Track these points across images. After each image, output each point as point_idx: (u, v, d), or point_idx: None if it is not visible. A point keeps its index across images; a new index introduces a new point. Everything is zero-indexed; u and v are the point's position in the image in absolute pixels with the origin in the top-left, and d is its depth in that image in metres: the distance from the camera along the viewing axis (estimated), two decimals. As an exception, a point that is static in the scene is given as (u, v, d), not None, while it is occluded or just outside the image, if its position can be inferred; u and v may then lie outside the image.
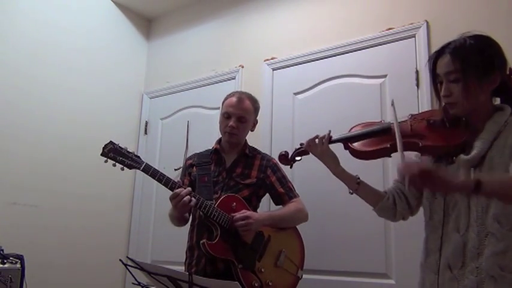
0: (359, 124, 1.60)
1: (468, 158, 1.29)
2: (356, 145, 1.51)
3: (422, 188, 1.21)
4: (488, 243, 1.22)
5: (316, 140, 1.60)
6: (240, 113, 2.10)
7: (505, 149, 1.24)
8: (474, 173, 1.29)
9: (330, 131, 1.60)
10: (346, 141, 1.54)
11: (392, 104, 1.45)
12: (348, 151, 1.54)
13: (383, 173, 2.27)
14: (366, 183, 1.58)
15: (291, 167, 1.76)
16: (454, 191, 1.21)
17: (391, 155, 1.45)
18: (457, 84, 1.31)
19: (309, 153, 1.64)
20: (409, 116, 1.49)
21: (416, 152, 1.45)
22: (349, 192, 1.59)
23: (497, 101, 1.41)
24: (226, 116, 2.11)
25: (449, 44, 1.36)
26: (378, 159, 1.55)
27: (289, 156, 1.69)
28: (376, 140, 1.49)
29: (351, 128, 1.60)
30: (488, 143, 1.27)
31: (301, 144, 1.67)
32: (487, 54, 1.31)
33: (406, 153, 1.36)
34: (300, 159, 1.69)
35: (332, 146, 1.60)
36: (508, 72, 1.35)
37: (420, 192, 1.43)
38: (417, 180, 1.14)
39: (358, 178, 1.57)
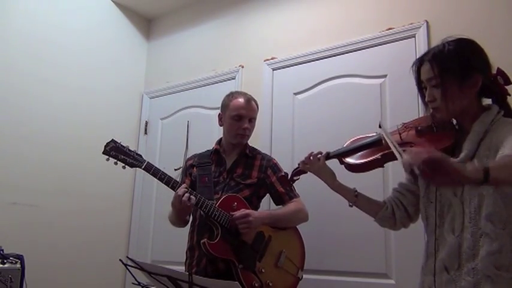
0: (352, 139, 1.64)
1: (458, 161, 1.29)
2: (349, 160, 1.55)
3: (432, 178, 1.14)
4: (483, 243, 1.23)
5: (311, 157, 1.63)
6: (251, 114, 2.13)
7: (491, 150, 1.25)
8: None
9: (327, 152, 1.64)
10: (340, 156, 1.58)
11: (380, 126, 1.47)
12: (343, 166, 1.58)
13: (383, 180, 2.26)
14: (364, 195, 1.61)
15: (290, 187, 1.84)
16: (464, 181, 1.16)
17: (384, 165, 1.49)
18: (438, 89, 1.34)
19: (306, 172, 1.66)
20: (401, 125, 1.52)
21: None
22: (349, 205, 1.62)
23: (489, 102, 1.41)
24: (237, 119, 2.10)
25: (429, 51, 1.40)
26: (373, 172, 1.56)
27: (289, 176, 1.73)
28: (368, 153, 1.52)
29: (346, 144, 1.64)
30: (475, 144, 1.29)
31: (298, 164, 1.69)
32: (464, 58, 1.33)
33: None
34: (299, 179, 1.71)
35: (328, 162, 1.63)
36: (495, 73, 1.36)
37: (427, 184, 1.41)
38: (427, 168, 1.08)
39: (356, 191, 1.60)
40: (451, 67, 1.32)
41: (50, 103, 2.98)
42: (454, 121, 1.43)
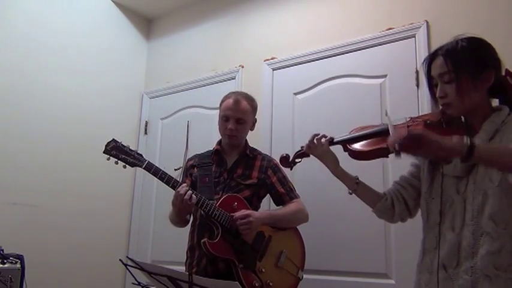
0: (357, 128, 1.62)
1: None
2: (354, 146, 1.53)
3: (414, 152, 1.21)
4: (483, 242, 1.23)
5: (315, 141, 1.62)
6: (238, 115, 2.10)
7: None
8: (471, 173, 1.30)
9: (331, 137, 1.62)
10: (345, 143, 1.56)
11: (387, 114, 1.48)
12: (347, 153, 1.56)
13: (383, 174, 2.27)
14: (365, 184, 1.60)
15: (291, 169, 1.79)
16: (447, 154, 1.18)
17: (389, 155, 1.46)
18: (451, 84, 1.33)
19: (309, 156, 1.65)
20: (408, 119, 1.51)
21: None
22: (349, 193, 1.61)
23: (496, 102, 1.41)
24: (224, 119, 2.11)
25: (442, 46, 1.39)
26: (377, 161, 1.56)
27: (290, 158, 1.71)
28: (374, 141, 1.51)
29: (350, 132, 1.62)
30: (485, 143, 1.28)
31: (302, 147, 1.68)
32: (478, 53, 1.34)
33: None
34: (300, 161, 1.71)
35: (332, 148, 1.62)
36: (504, 74, 1.36)
37: (413, 155, 1.41)
38: (408, 144, 1.15)
39: (357, 179, 1.59)
40: (465, 62, 1.33)
41: (50, 103, 2.98)
42: (463, 119, 1.42)
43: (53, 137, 2.95)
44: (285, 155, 1.74)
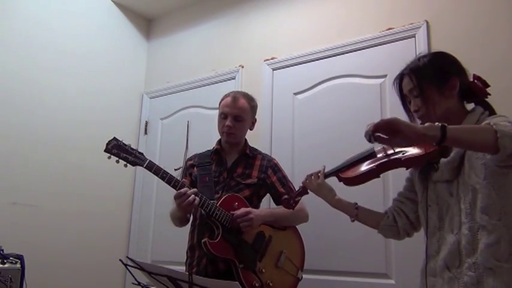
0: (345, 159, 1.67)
1: (448, 159, 1.35)
2: (345, 174, 1.58)
3: (388, 134, 1.21)
4: (480, 237, 1.24)
5: (312, 177, 1.67)
6: (236, 112, 2.10)
7: None
8: (460, 175, 1.33)
9: (324, 166, 1.67)
10: (337, 173, 1.60)
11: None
12: (342, 183, 1.59)
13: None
14: (365, 208, 1.65)
15: (293, 209, 1.80)
16: (420, 136, 1.18)
17: (380, 175, 1.50)
18: (420, 98, 1.41)
19: (308, 193, 1.70)
20: None
21: (403, 168, 1.48)
22: (351, 220, 1.66)
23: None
24: (223, 117, 2.12)
25: (406, 66, 1.49)
26: (377, 184, 1.57)
27: (292, 200, 1.74)
28: (363, 165, 1.55)
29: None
30: None
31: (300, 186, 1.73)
32: (439, 64, 1.43)
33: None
34: (300, 199, 1.74)
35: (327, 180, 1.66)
36: (472, 79, 1.42)
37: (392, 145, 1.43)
38: (381, 124, 1.17)
39: (356, 204, 1.64)
40: (428, 74, 1.41)
41: (50, 104, 2.98)
42: None
43: (53, 137, 2.95)
44: (286, 197, 1.75)
